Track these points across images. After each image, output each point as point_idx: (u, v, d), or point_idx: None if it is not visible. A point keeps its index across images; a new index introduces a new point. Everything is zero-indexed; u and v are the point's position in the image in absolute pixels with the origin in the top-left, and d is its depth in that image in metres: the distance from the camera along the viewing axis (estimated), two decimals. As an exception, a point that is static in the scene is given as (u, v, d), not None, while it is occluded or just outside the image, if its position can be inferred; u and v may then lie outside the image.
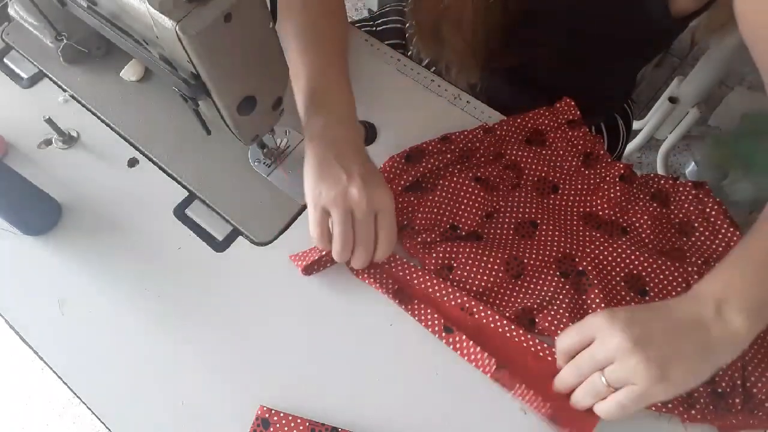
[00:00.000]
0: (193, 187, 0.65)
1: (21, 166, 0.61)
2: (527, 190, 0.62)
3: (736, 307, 0.45)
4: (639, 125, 1.44)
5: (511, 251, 0.58)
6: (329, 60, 0.61)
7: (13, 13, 0.71)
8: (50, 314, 0.58)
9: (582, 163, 0.63)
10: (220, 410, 0.53)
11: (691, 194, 0.60)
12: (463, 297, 0.56)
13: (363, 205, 0.52)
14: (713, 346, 0.45)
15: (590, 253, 0.57)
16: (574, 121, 0.65)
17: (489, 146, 0.64)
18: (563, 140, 0.64)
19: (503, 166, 0.63)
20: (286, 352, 0.55)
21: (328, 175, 0.53)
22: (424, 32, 0.70)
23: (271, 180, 0.64)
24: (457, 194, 0.60)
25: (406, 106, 0.69)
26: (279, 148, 0.65)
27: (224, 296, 0.58)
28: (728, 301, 0.45)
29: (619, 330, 0.44)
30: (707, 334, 0.44)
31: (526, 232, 0.60)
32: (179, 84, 0.47)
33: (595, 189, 0.62)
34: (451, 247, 0.58)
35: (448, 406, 0.52)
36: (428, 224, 0.60)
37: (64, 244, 0.61)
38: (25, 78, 0.73)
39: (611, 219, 0.60)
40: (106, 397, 0.54)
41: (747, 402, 0.49)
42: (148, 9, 0.41)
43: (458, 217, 0.60)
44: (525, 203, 0.61)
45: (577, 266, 0.57)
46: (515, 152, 0.64)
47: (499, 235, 0.60)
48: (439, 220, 0.60)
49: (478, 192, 0.60)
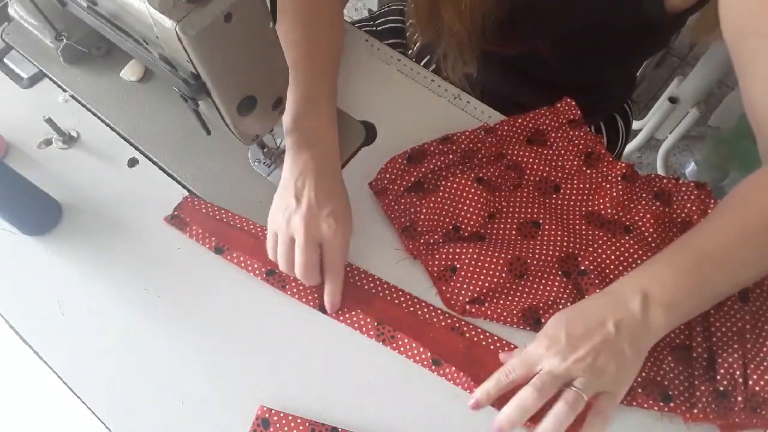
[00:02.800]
0: (193, 187, 0.65)
1: (21, 166, 0.61)
2: (529, 190, 0.62)
3: (656, 301, 0.47)
4: (639, 125, 1.44)
5: (514, 251, 0.58)
6: (318, 70, 0.61)
7: (13, 13, 0.71)
8: (50, 314, 0.58)
9: (584, 162, 0.63)
10: (220, 410, 0.53)
11: (693, 194, 0.60)
12: (453, 318, 0.56)
13: (301, 234, 0.53)
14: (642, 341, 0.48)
15: (593, 252, 0.57)
16: (575, 120, 0.65)
17: (490, 146, 0.64)
18: (564, 140, 0.64)
19: (505, 167, 0.63)
20: (286, 352, 0.55)
21: (282, 200, 0.55)
22: (422, 14, 0.70)
23: (271, 180, 0.64)
24: (459, 195, 0.60)
25: (406, 106, 0.69)
26: (279, 148, 0.65)
27: (224, 296, 0.58)
28: (650, 295, 0.48)
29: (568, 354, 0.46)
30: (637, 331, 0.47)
31: (529, 232, 0.60)
32: (179, 84, 0.47)
33: (597, 188, 0.62)
34: (453, 248, 0.58)
35: (449, 406, 0.52)
36: (430, 225, 0.60)
37: (64, 244, 0.61)
38: (25, 78, 0.73)
39: (614, 218, 0.60)
40: (106, 397, 0.54)
41: (749, 401, 0.49)
42: (148, 9, 0.41)
43: (460, 218, 0.60)
44: (527, 203, 0.61)
45: (579, 265, 0.57)
46: (517, 152, 0.64)
47: (502, 235, 0.60)
48: (441, 221, 0.60)
49: (480, 193, 0.60)
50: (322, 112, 0.60)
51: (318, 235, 0.53)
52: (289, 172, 0.56)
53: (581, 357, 0.46)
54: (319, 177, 0.55)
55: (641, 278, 0.50)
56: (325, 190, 0.55)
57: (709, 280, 0.50)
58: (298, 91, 0.58)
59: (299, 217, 0.53)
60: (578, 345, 0.46)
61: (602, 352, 0.46)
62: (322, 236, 0.54)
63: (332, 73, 0.64)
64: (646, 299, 0.47)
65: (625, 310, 0.47)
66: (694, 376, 0.51)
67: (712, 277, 0.50)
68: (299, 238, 0.53)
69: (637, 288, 0.48)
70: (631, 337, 0.47)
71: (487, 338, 0.55)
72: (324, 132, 0.59)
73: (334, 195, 0.56)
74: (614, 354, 0.46)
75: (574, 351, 0.46)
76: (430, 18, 0.68)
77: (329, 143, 0.59)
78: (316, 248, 0.54)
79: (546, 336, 0.48)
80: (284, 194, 0.56)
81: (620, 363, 0.46)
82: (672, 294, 0.48)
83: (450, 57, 0.70)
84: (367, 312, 0.56)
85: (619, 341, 0.46)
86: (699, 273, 0.49)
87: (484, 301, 0.56)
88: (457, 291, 0.57)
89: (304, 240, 0.53)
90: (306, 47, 0.61)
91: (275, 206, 0.56)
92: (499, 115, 0.68)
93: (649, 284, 0.48)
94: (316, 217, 0.53)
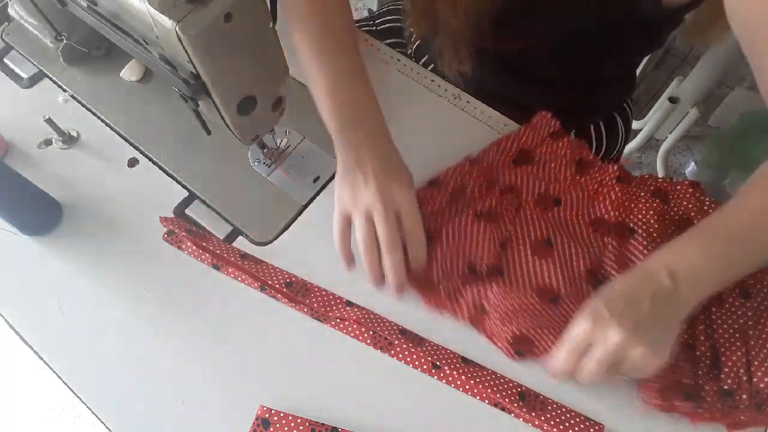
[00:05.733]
0: (193, 186, 0.65)
1: (21, 166, 0.61)
2: (530, 208, 0.61)
3: (682, 276, 0.47)
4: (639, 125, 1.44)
5: (537, 279, 0.56)
6: (352, 68, 0.61)
7: (13, 13, 0.71)
8: (50, 314, 0.58)
9: (576, 171, 0.63)
10: (220, 410, 0.53)
11: (689, 192, 0.60)
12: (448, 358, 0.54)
13: (379, 207, 0.52)
14: (677, 312, 0.48)
15: (607, 262, 0.57)
16: (556, 132, 0.64)
17: (478, 177, 0.62)
18: (551, 153, 0.63)
19: (500, 193, 0.61)
20: (287, 351, 0.55)
21: (346, 180, 0.54)
22: (417, 9, 0.70)
23: (271, 180, 0.64)
24: (463, 236, 0.58)
25: (406, 106, 0.69)
26: (279, 148, 0.65)
27: (225, 296, 0.58)
28: (677, 271, 0.47)
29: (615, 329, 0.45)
30: (671, 302, 0.47)
31: (544, 251, 0.58)
32: (179, 84, 0.47)
33: (596, 194, 0.62)
34: (477, 291, 0.55)
35: (449, 406, 0.52)
36: (445, 274, 0.57)
37: (64, 244, 0.61)
38: (25, 78, 0.73)
39: (618, 220, 0.60)
40: (106, 397, 0.54)
41: (753, 398, 0.49)
42: (148, 9, 0.41)
43: (473, 258, 0.57)
44: (533, 222, 0.60)
45: (603, 278, 0.57)
46: (508, 176, 0.63)
47: (519, 262, 0.58)
48: (454, 266, 0.57)
49: (484, 226, 0.58)
50: (357, 87, 0.59)
51: (394, 205, 0.53)
52: (346, 154, 0.55)
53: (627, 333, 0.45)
54: (378, 151, 0.55)
55: (666, 255, 0.49)
56: (387, 162, 0.55)
57: (737, 259, 0.50)
58: (329, 72, 0.58)
59: (371, 192, 0.52)
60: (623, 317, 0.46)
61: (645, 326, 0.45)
62: (397, 205, 0.53)
63: (358, 54, 0.63)
64: (673, 274, 0.47)
65: (657, 283, 0.47)
66: (699, 375, 0.51)
67: (740, 257, 0.50)
68: (378, 212, 0.52)
69: (663, 263, 0.48)
70: (667, 307, 0.47)
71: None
72: (366, 106, 0.58)
73: (397, 165, 0.56)
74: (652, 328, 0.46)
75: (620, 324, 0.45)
76: (425, 13, 0.68)
77: (375, 117, 0.58)
78: (396, 219, 0.53)
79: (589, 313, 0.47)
80: (347, 175, 0.54)
81: (657, 336, 0.46)
82: (699, 273, 0.48)
83: (445, 54, 0.70)
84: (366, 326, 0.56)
85: (656, 314, 0.46)
86: (726, 252, 0.49)
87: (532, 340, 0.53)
88: (497, 331, 0.54)
89: (383, 212, 0.52)
90: (323, 40, 0.61)
91: (340, 188, 0.55)
92: (498, 115, 0.68)
93: (674, 261, 0.48)
94: (388, 189, 0.53)
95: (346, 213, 0.54)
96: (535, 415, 0.51)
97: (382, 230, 0.52)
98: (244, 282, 0.58)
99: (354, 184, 0.54)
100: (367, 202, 0.53)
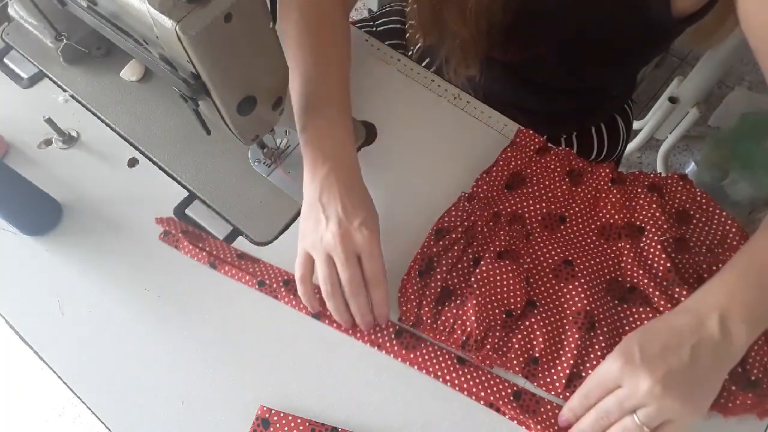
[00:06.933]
0: (193, 186, 0.65)
1: (21, 166, 0.61)
2: (539, 232, 0.60)
3: (738, 318, 0.46)
4: (639, 125, 1.44)
5: (568, 308, 0.55)
6: (328, 62, 0.60)
7: (13, 13, 0.71)
8: (50, 314, 0.58)
9: (570, 182, 0.62)
10: (220, 410, 0.53)
11: (679, 184, 0.61)
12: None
13: (338, 250, 0.50)
14: (724, 362, 0.47)
15: (625, 266, 0.57)
16: (541, 148, 0.64)
17: (482, 213, 0.60)
18: (541, 170, 0.63)
19: (506, 223, 0.60)
20: (287, 351, 0.55)
21: (309, 219, 0.53)
22: (425, 18, 0.68)
23: (271, 180, 0.64)
24: (495, 281, 0.56)
25: (406, 106, 0.69)
26: (279, 148, 0.65)
27: (224, 296, 0.58)
28: (730, 313, 0.46)
29: (643, 376, 0.44)
30: (718, 353, 0.46)
31: (566, 274, 0.57)
32: (179, 84, 0.47)
33: (596, 202, 0.61)
34: (519, 339, 0.54)
35: (449, 407, 0.52)
36: (486, 327, 0.54)
37: (64, 244, 0.61)
38: (25, 78, 0.73)
39: (625, 222, 0.59)
40: (106, 397, 0.54)
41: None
42: (148, 9, 0.41)
43: (508, 301, 0.55)
44: (547, 246, 0.59)
45: (621, 286, 0.57)
46: (508, 204, 0.61)
47: (547, 293, 0.57)
48: (492, 314, 0.54)
49: (509, 266, 0.56)
50: (333, 117, 0.57)
51: (355, 248, 0.51)
52: (311, 188, 0.54)
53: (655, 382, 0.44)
54: (343, 188, 0.53)
55: (717, 295, 0.48)
56: (351, 201, 0.52)
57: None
58: (306, 98, 0.57)
59: (332, 234, 0.51)
60: (653, 364, 0.45)
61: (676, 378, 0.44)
62: (358, 248, 0.51)
63: (343, 81, 0.61)
64: (725, 318, 0.46)
65: (704, 331, 0.46)
66: None
67: None
68: (338, 255, 0.50)
69: (714, 306, 0.47)
70: (711, 359, 0.45)
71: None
72: (338, 140, 0.56)
73: (361, 204, 0.53)
74: (688, 380, 0.45)
75: (650, 371, 0.44)
76: (433, 22, 0.67)
77: (346, 151, 0.56)
78: (357, 262, 0.51)
79: (621, 353, 0.46)
80: (310, 213, 0.53)
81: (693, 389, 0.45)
82: (754, 310, 0.47)
83: (453, 61, 0.69)
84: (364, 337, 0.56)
85: (696, 366, 0.45)
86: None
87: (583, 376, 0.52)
88: (550, 380, 0.53)
89: (344, 256, 0.50)
90: (313, 58, 0.59)
91: (304, 227, 0.54)
92: (498, 115, 0.68)
93: (728, 302, 0.47)
94: (349, 230, 0.51)
95: (305, 252, 0.53)
96: (528, 416, 0.51)
97: (342, 274, 0.51)
98: (241, 281, 0.58)
99: (318, 222, 0.52)
100: (326, 243, 0.51)
